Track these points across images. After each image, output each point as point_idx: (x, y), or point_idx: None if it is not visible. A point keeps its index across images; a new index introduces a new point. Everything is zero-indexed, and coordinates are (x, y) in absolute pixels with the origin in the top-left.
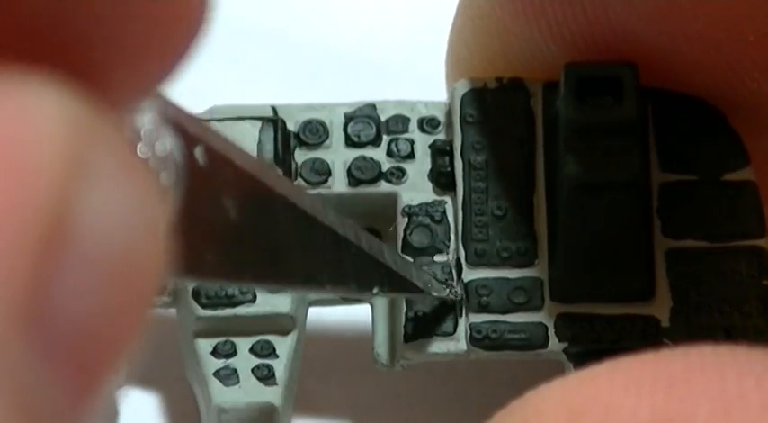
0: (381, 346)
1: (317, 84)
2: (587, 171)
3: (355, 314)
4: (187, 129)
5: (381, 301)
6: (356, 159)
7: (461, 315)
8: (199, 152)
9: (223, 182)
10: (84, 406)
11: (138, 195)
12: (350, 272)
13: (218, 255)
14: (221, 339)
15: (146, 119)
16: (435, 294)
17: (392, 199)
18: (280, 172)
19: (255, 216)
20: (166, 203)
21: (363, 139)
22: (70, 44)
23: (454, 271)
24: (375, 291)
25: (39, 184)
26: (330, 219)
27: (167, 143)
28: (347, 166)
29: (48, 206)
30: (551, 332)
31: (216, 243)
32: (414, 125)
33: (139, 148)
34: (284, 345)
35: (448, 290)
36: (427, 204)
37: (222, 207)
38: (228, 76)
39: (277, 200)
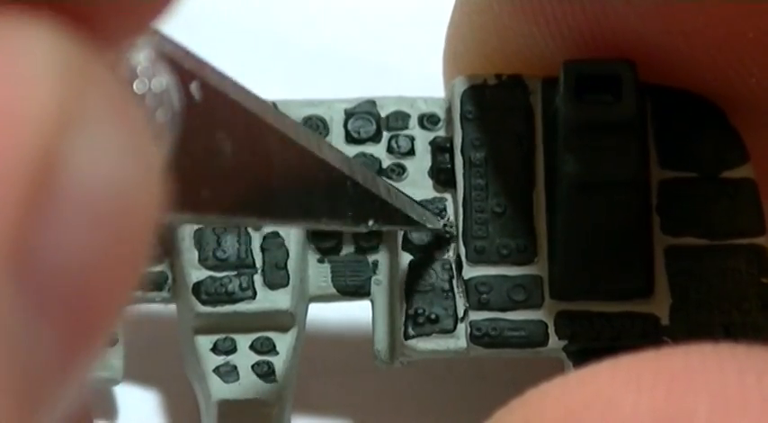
0: (381, 343)
1: (316, 81)
2: (586, 169)
3: (355, 312)
4: (183, 64)
5: (381, 298)
6: (356, 156)
7: (461, 316)
8: (194, 87)
9: (218, 116)
10: (79, 358)
11: (130, 139)
12: (345, 205)
13: (214, 190)
14: (221, 336)
15: (142, 55)
16: (430, 227)
17: None
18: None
19: (250, 151)
20: (161, 145)
21: (363, 135)
22: None
23: (454, 268)
24: (370, 223)
25: (27, 128)
26: (325, 152)
27: (163, 79)
28: None
29: (35, 150)
30: (551, 330)
31: (211, 179)
32: (414, 122)
33: (135, 85)
34: (284, 341)
35: (443, 223)
36: (427, 201)
37: (217, 142)
38: (228, 73)
39: (272, 134)
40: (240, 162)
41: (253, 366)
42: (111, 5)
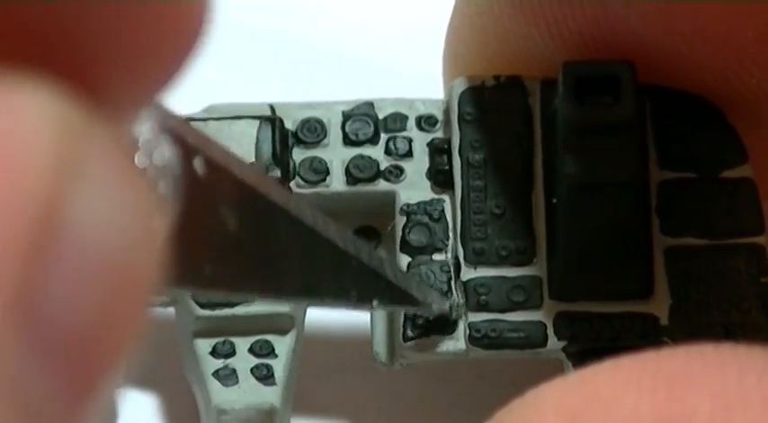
0: (380, 345)
1: (314, 83)
2: (586, 170)
3: (354, 314)
4: (186, 138)
5: None
6: (354, 158)
7: (461, 317)
8: (198, 162)
9: (222, 192)
10: (83, 406)
11: (131, 199)
12: (350, 284)
13: (217, 266)
14: (220, 339)
15: (144, 128)
16: (436, 308)
17: (390, 197)
18: (278, 175)
19: (255, 227)
20: (163, 211)
21: (361, 137)
22: (66, 45)
23: (452, 270)
24: (375, 303)
25: (27, 184)
26: (330, 231)
27: (166, 153)
28: (345, 165)
29: (36, 206)
30: (550, 331)
31: (215, 254)
32: (412, 123)
33: (137, 158)
34: (283, 344)
35: (449, 303)
36: (425, 203)
37: (221, 218)
38: (226, 75)
39: (277, 211)
40: (244, 238)
41: (252, 369)
42: (114, 71)
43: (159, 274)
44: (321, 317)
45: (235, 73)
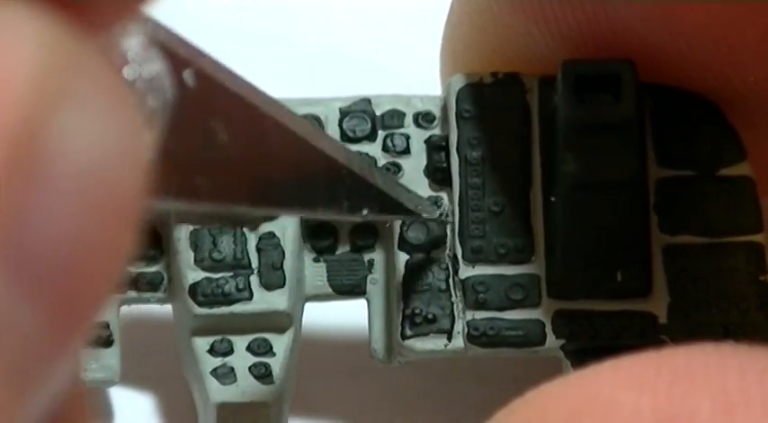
0: (378, 342)
1: (312, 81)
2: (585, 169)
3: (353, 313)
4: (177, 51)
5: (377, 297)
6: None
7: (459, 314)
8: (188, 74)
9: (213, 106)
10: (68, 339)
11: (117, 120)
12: (341, 194)
13: (209, 178)
14: (218, 337)
15: (134, 42)
16: (426, 216)
17: None
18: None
19: (246, 139)
20: (151, 127)
21: (359, 134)
22: None
23: (450, 268)
24: (365, 212)
25: (9, 102)
26: (322, 142)
27: (155, 65)
28: None
29: (18, 127)
30: (549, 329)
31: (206, 167)
32: (409, 120)
33: (126, 71)
34: (281, 342)
35: (439, 212)
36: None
37: (212, 130)
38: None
39: (268, 122)
40: (236, 151)
41: (250, 368)
42: None
43: (146, 191)
44: (320, 316)
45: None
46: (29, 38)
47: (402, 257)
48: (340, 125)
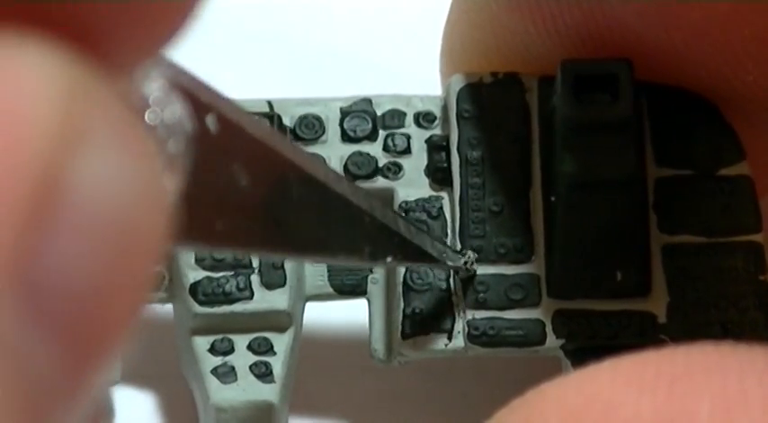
0: (378, 342)
1: (313, 81)
2: (584, 169)
3: (354, 313)
4: (199, 96)
5: (378, 297)
6: (352, 155)
7: (459, 313)
8: (210, 120)
9: (234, 150)
10: (86, 376)
11: (136, 163)
12: (363, 241)
13: (229, 222)
14: (218, 337)
15: (154, 85)
16: (450, 264)
17: (388, 195)
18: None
19: (267, 185)
20: (173, 171)
21: (359, 134)
22: (68, 5)
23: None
24: (389, 259)
25: (29, 147)
26: (343, 187)
27: (176, 110)
28: (343, 162)
29: (37, 169)
30: (549, 329)
31: (226, 211)
32: (410, 120)
33: (147, 115)
34: (282, 342)
35: (463, 261)
36: (424, 200)
37: (233, 175)
38: (224, 73)
39: (289, 168)
40: (257, 195)
41: (251, 367)
42: (116, 27)
43: (165, 235)
44: (321, 317)
45: (233, 71)
46: (51, 77)
47: None
48: (341, 125)
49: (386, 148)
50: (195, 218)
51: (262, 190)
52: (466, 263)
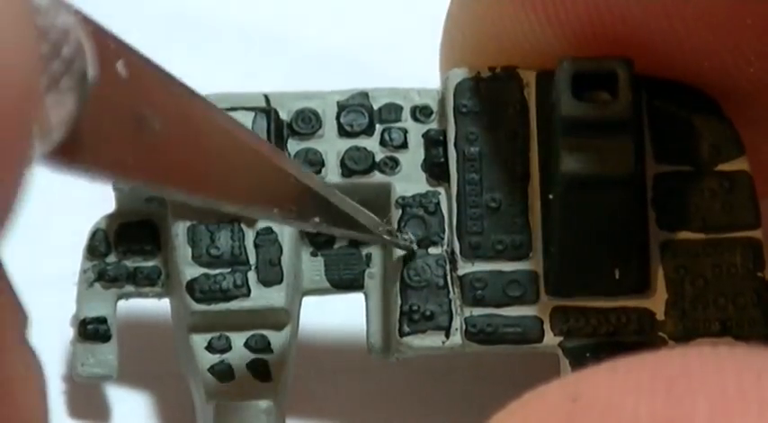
0: (375, 336)
1: (311, 77)
2: (583, 167)
3: (352, 313)
4: (108, 42)
5: (375, 292)
6: (349, 149)
7: (457, 311)
8: (120, 66)
9: (145, 95)
10: None
11: None
12: (287, 199)
13: (140, 157)
14: (216, 334)
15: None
16: (387, 239)
17: (386, 190)
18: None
19: (180, 129)
20: (64, 102)
21: (356, 128)
22: None
23: (448, 263)
24: (317, 220)
25: None
26: (261, 145)
27: (67, 19)
28: (340, 157)
29: None
30: (546, 326)
31: (139, 147)
32: (407, 114)
33: (38, 19)
34: (279, 339)
35: (407, 240)
36: (421, 195)
37: (145, 117)
38: (223, 72)
39: (201, 118)
40: (169, 138)
41: (248, 365)
42: None
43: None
44: (319, 317)
45: (231, 69)
46: None
47: (399, 254)
48: (337, 119)
49: (383, 143)
50: (106, 148)
51: (175, 134)
52: (402, 240)
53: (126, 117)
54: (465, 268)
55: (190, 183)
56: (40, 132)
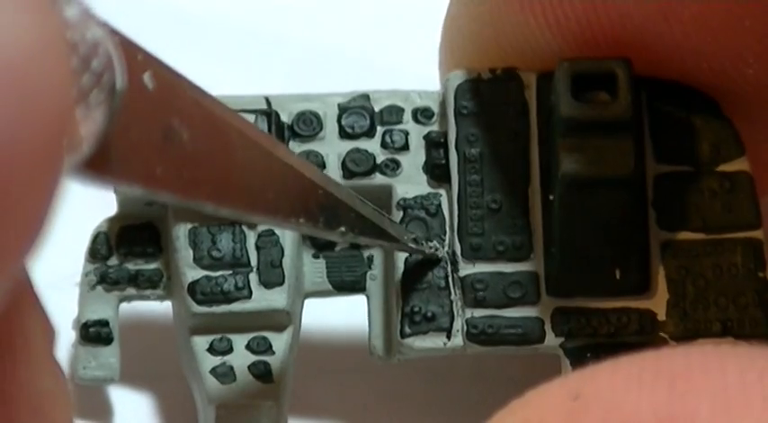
0: (377, 338)
1: (312, 79)
2: (583, 168)
3: (353, 314)
4: (136, 54)
5: (377, 293)
6: (351, 151)
7: (458, 312)
8: (147, 77)
9: (174, 106)
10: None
11: (34, 14)
12: (316, 209)
13: (169, 170)
14: (217, 336)
15: (74, 9)
16: (413, 247)
17: (387, 191)
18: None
19: (209, 141)
20: (97, 115)
21: (357, 130)
22: None
23: (449, 265)
24: (343, 229)
25: None
26: (289, 157)
27: (97, 32)
28: (341, 159)
29: None
30: (548, 327)
31: (166, 159)
32: (408, 116)
33: (68, 33)
34: (280, 341)
35: (432, 247)
36: (422, 197)
37: (172, 128)
38: (224, 72)
39: (231, 130)
40: (198, 149)
41: (249, 366)
42: None
43: (62, 87)
44: (320, 318)
45: (233, 70)
46: None
47: (401, 255)
48: (339, 121)
49: (384, 145)
50: (134, 160)
51: (203, 146)
52: (435, 250)
53: (154, 129)
54: (466, 269)
55: (218, 195)
56: (70, 146)
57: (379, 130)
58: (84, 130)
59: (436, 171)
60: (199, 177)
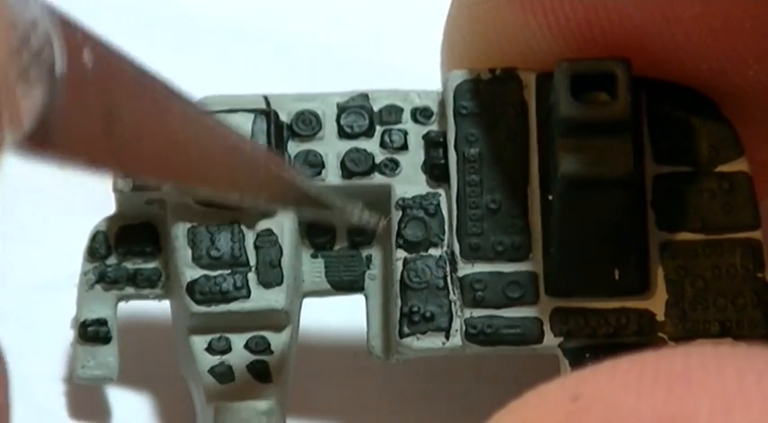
0: (376, 338)
1: (311, 79)
2: (582, 168)
3: (352, 314)
4: (76, 33)
5: (376, 293)
6: (349, 151)
7: (457, 312)
8: (87, 55)
9: (114, 84)
10: None
11: None
12: (257, 186)
13: (112, 145)
14: (216, 336)
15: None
16: (355, 216)
17: (386, 191)
18: None
19: (149, 117)
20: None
21: (356, 130)
22: None
23: (448, 265)
24: (284, 202)
25: None
26: (233, 135)
27: (35, 11)
28: (340, 158)
29: None
30: (546, 327)
31: (107, 136)
32: (407, 115)
33: (7, 13)
34: (279, 340)
35: (372, 218)
36: (421, 197)
37: (114, 105)
38: (223, 72)
39: (172, 106)
40: (139, 125)
41: (248, 366)
42: None
43: None
44: (319, 318)
45: (232, 70)
46: None
47: (400, 255)
48: (338, 121)
49: (383, 144)
50: (76, 138)
51: (145, 122)
52: (370, 222)
53: (95, 105)
54: (465, 269)
55: (159, 169)
56: (11, 122)
57: (378, 129)
58: (25, 107)
59: (435, 171)
60: (140, 152)
